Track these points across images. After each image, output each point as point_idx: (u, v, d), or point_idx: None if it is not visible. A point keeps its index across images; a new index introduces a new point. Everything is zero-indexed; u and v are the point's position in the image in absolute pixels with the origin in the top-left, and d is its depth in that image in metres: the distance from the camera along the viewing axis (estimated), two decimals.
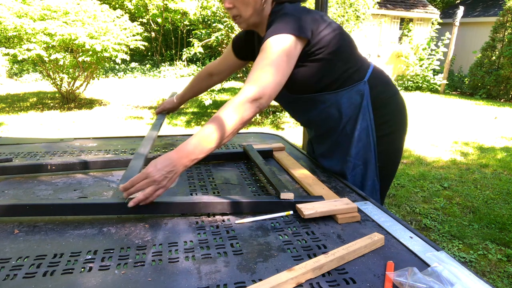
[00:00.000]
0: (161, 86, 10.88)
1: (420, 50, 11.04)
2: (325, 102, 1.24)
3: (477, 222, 2.92)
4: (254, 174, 1.34)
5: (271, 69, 1.03)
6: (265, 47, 1.06)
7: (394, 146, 1.34)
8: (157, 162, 0.94)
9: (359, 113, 1.24)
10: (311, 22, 1.13)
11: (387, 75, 1.34)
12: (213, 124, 0.98)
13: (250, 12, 1.16)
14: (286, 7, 1.16)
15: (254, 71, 1.04)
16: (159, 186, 0.93)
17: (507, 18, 9.79)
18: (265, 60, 1.04)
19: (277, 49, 1.04)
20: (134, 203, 0.93)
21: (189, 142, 0.97)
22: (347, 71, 1.21)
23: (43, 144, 1.65)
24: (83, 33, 6.41)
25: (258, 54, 1.08)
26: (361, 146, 1.27)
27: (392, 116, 1.30)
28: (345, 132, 1.27)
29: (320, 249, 0.85)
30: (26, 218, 0.96)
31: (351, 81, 1.22)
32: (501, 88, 9.61)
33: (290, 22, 1.10)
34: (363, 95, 1.23)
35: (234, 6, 1.16)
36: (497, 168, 4.28)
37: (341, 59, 1.19)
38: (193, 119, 6.59)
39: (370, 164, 1.28)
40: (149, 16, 14.48)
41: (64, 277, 0.73)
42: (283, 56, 1.05)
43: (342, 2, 6.29)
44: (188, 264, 0.78)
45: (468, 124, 6.61)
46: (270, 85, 1.02)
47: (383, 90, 1.28)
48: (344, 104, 1.23)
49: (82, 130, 5.79)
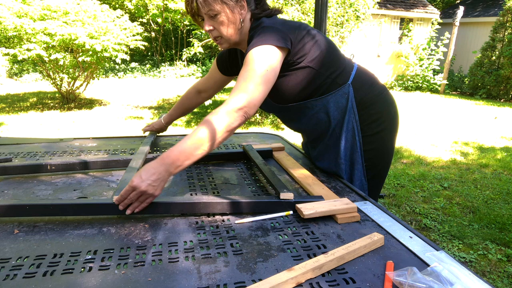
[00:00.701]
0: (161, 86, 10.88)
1: (420, 50, 11.04)
2: (313, 108, 1.27)
3: (477, 222, 2.92)
4: (254, 174, 1.34)
5: (255, 79, 1.06)
6: (248, 59, 1.09)
7: (385, 144, 1.34)
8: (141, 173, 0.97)
9: (345, 115, 1.26)
10: (290, 32, 1.16)
11: (372, 74, 1.35)
12: (200, 132, 1.00)
13: (231, 31, 1.19)
14: (264, 21, 1.19)
15: (239, 82, 1.07)
16: (148, 195, 0.96)
17: (507, 18, 9.79)
18: (249, 71, 1.07)
19: (259, 60, 1.07)
20: (131, 211, 0.97)
21: (174, 149, 0.99)
22: (330, 76, 1.23)
23: (43, 144, 1.65)
24: (83, 33, 6.41)
25: (242, 67, 1.11)
26: (348, 147, 1.30)
27: (381, 115, 1.31)
28: (335, 135, 1.30)
29: (320, 249, 0.85)
30: (26, 218, 0.96)
31: (335, 85, 1.25)
32: (501, 88, 9.61)
33: (270, 34, 1.13)
34: (348, 97, 1.25)
35: (214, 28, 1.18)
36: (497, 168, 4.28)
37: (324, 65, 1.21)
38: (193, 119, 6.60)
39: (357, 164, 1.30)
40: (149, 16, 14.47)
41: (64, 277, 0.73)
42: (265, 66, 1.08)
43: (342, 2, 6.28)
44: (188, 264, 0.78)
45: (468, 124, 6.61)
46: (255, 95, 1.05)
47: (368, 89, 1.29)
48: (331, 108, 1.26)
49: (82, 130, 5.79)
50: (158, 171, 0.96)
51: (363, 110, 1.28)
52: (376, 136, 1.31)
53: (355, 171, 1.31)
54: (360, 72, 1.30)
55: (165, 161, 0.97)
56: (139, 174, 0.96)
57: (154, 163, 0.98)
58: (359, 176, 1.31)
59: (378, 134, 1.31)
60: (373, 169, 1.33)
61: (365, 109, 1.28)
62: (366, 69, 1.35)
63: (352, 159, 1.31)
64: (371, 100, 1.29)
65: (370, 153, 1.31)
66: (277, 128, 5.91)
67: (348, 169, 1.32)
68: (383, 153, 1.35)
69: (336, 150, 1.31)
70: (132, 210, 0.97)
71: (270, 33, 1.13)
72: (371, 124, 1.29)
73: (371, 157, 1.32)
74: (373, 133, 1.30)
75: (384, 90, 1.34)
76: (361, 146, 1.29)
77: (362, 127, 1.29)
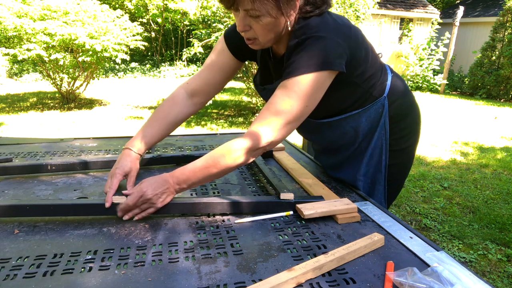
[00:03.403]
0: (161, 86, 10.87)
1: (420, 50, 11.04)
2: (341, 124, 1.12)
3: (477, 222, 2.92)
4: (254, 174, 1.34)
5: (289, 117, 0.92)
6: (287, 86, 0.92)
7: (410, 158, 1.25)
8: (152, 182, 0.96)
9: (375, 131, 1.12)
10: (346, 45, 0.94)
11: (402, 79, 1.20)
12: (213, 161, 0.95)
13: (272, 36, 0.96)
14: (313, 25, 0.93)
15: (268, 112, 0.93)
16: (150, 205, 0.96)
17: (507, 18, 9.79)
18: (285, 104, 0.91)
19: (303, 93, 0.91)
20: (129, 217, 0.97)
21: (185, 169, 0.98)
22: (370, 89, 1.08)
23: (43, 144, 1.65)
24: (83, 33, 6.41)
25: (278, 90, 0.94)
26: (372, 165, 1.17)
27: (411, 129, 1.19)
28: (360, 149, 1.16)
29: (320, 249, 0.85)
30: (26, 218, 0.96)
31: (371, 99, 1.09)
32: (501, 88, 9.61)
33: (324, 51, 0.91)
34: (382, 112, 1.11)
35: (251, 28, 0.95)
36: (497, 168, 4.28)
37: (367, 79, 1.06)
38: (193, 119, 6.59)
39: (378, 185, 1.18)
40: (149, 16, 14.48)
41: (64, 277, 0.73)
42: (307, 101, 0.92)
43: (342, 2, 6.28)
44: (188, 264, 0.78)
45: (468, 124, 6.61)
46: (282, 133, 0.95)
47: (402, 102, 1.15)
48: (362, 123, 1.11)
49: (82, 130, 5.79)
50: (167, 187, 0.96)
51: (394, 124, 1.13)
52: (404, 151, 1.19)
53: (375, 192, 1.18)
54: (394, 81, 1.14)
55: (174, 180, 0.97)
56: (150, 183, 0.96)
57: (167, 177, 0.97)
58: (378, 198, 1.19)
59: (406, 149, 1.20)
60: (394, 184, 1.23)
61: (396, 123, 1.14)
62: (397, 73, 1.20)
63: (374, 178, 1.17)
64: (404, 113, 1.16)
65: (394, 168, 1.19)
66: None
67: (367, 187, 1.18)
68: (406, 167, 1.25)
69: (356, 165, 1.17)
70: (130, 216, 0.96)
71: (324, 49, 0.91)
72: (400, 140, 1.16)
73: (394, 172, 1.20)
74: (401, 149, 1.18)
75: (413, 97, 1.21)
76: (386, 166, 1.16)
77: (390, 142, 1.15)
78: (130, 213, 0.97)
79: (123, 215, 0.97)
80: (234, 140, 0.96)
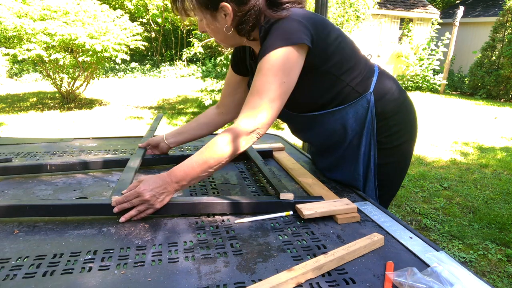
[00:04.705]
0: (161, 86, 10.87)
1: (420, 50, 11.04)
2: (329, 120, 1.15)
3: (477, 222, 2.92)
4: (254, 174, 1.34)
5: (269, 94, 0.96)
6: (262, 68, 0.97)
7: (405, 157, 1.24)
8: (150, 182, 0.96)
9: (364, 127, 1.14)
10: (312, 26, 0.99)
11: (393, 78, 1.21)
12: (208, 152, 0.97)
13: (221, 37, 1.09)
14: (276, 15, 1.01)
15: (251, 96, 0.98)
16: (149, 206, 0.96)
17: (507, 18, 9.79)
18: (262, 84, 0.96)
19: (275, 70, 0.96)
20: (126, 219, 0.96)
21: (181, 166, 0.98)
22: (351, 83, 1.10)
23: (43, 144, 1.65)
24: (83, 33, 6.41)
25: (255, 75, 1.00)
26: (364, 162, 1.18)
27: (402, 127, 1.19)
28: (352, 147, 1.17)
29: (320, 249, 0.85)
30: (26, 218, 0.96)
31: (355, 94, 1.11)
32: (501, 88, 9.60)
33: (287, 28, 0.97)
34: (368, 108, 1.12)
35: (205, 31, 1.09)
36: (497, 168, 4.28)
37: (345, 71, 1.08)
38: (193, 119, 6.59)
39: (369, 182, 1.19)
40: (149, 16, 14.47)
41: (64, 277, 0.73)
42: (282, 77, 0.96)
43: (342, 2, 6.28)
44: (188, 264, 0.78)
45: (468, 124, 6.61)
46: (269, 113, 0.97)
47: (391, 97, 1.15)
48: (349, 119, 1.13)
49: (82, 130, 5.79)
50: (165, 186, 0.96)
51: (382, 121, 1.14)
52: (396, 149, 1.19)
53: (366, 189, 1.20)
54: (381, 77, 1.16)
55: (172, 179, 0.97)
56: (147, 183, 0.96)
57: (164, 176, 0.97)
58: (370, 195, 1.20)
59: (399, 147, 1.19)
60: (389, 185, 1.23)
61: (384, 120, 1.14)
62: (386, 71, 1.21)
63: (365, 176, 1.19)
64: (393, 110, 1.16)
65: (388, 168, 1.19)
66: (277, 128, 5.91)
67: (362, 185, 1.20)
68: (401, 168, 1.24)
69: (353, 162, 1.18)
70: (126, 218, 0.95)
71: (287, 27, 0.97)
72: (391, 137, 1.16)
73: (389, 171, 1.20)
74: (393, 146, 1.18)
75: (406, 96, 1.21)
76: (375, 163, 1.17)
77: (380, 139, 1.15)
78: (127, 215, 0.96)
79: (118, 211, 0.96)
80: (225, 129, 0.99)
